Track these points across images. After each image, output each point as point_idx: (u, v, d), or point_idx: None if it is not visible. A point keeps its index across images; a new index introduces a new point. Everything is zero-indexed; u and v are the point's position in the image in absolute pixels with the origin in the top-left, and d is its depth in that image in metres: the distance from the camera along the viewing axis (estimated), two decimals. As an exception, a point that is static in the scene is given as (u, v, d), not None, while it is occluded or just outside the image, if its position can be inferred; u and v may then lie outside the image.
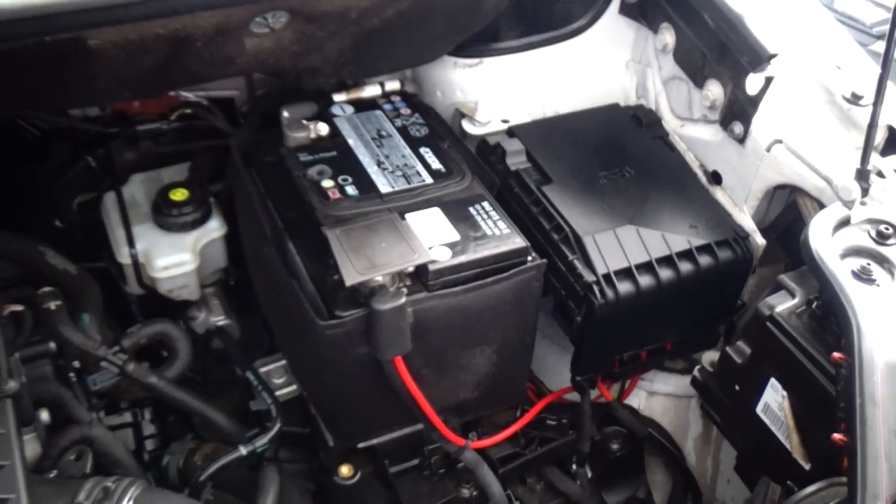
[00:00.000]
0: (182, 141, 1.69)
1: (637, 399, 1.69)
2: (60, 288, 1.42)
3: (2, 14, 0.99)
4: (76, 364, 1.37)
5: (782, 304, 1.29)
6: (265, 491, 1.25)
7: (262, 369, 1.59)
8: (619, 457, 1.59)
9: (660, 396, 1.70)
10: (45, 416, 1.19)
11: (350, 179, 1.40)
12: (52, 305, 1.31)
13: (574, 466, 1.58)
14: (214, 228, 1.58)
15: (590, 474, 1.60)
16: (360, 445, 1.45)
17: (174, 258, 1.53)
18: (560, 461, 1.59)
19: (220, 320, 1.64)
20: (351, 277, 1.21)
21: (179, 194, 1.55)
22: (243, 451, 1.34)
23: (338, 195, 1.37)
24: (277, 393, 1.57)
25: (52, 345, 1.28)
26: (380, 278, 1.24)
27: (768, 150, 1.43)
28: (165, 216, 1.54)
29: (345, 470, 1.37)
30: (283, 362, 1.59)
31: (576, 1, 1.66)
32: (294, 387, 1.57)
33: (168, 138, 1.70)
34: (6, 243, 1.44)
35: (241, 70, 1.34)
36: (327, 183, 1.39)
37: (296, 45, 1.34)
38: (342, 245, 1.26)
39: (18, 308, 1.26)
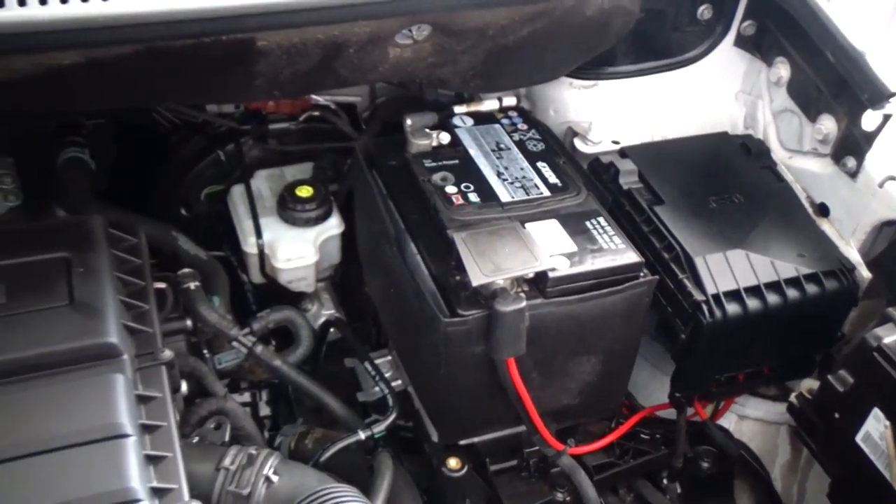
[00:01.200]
0: (305, 141, 1.79)
1: (727, 422, 1.72)
2: (192, 271, 1.52)
3: (192, 14, 1.09)
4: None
5: (890, 336, 1.32)
6: (381, 475, 1.32)
7: (367, 365, 1.67)
8: (708, 475, 1.62)
9: (750, 421, 1.73)
10: (184, 387, 1.28)
11: (472, 187, 1.47)
12: (192, 286, 1.41)
13: (665, 481, 1.62)
14: (334, 226, 1.67)
15: (679, 490, 1.64)
16: (462, 442, 1.51)
17: (296, 251, 1.62)
18: (651, 475, 1.63)
19: (330, 314, 1.72)
20: (477, 279, 1.28)
21: (305, 191, 1.65)
22: (362, 435, 1.41)
23: (461, 201, 1.44)
24: (377, 389, 1.64)
25: (189, 322, 1.37)
26: (501, 282, 1.30)
27: (881, 185, 1.46)
28: (290, 210, 1.63)
29: (453, 462, 1.43)
30: (388, 358, 1.67)
31: (694, 31, 1.71)
32: (398, 382, 1.63)
33: (292, 138, 1.79)
34: (147, 227, 1.54)
35: (380, 77, 1.43)
36: (451, 189, 1.46)
37: (433, 57, 1.42)
38: (468, 248, 1.33)
39: (162, 286, 1.35)
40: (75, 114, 1.69)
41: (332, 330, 1.70)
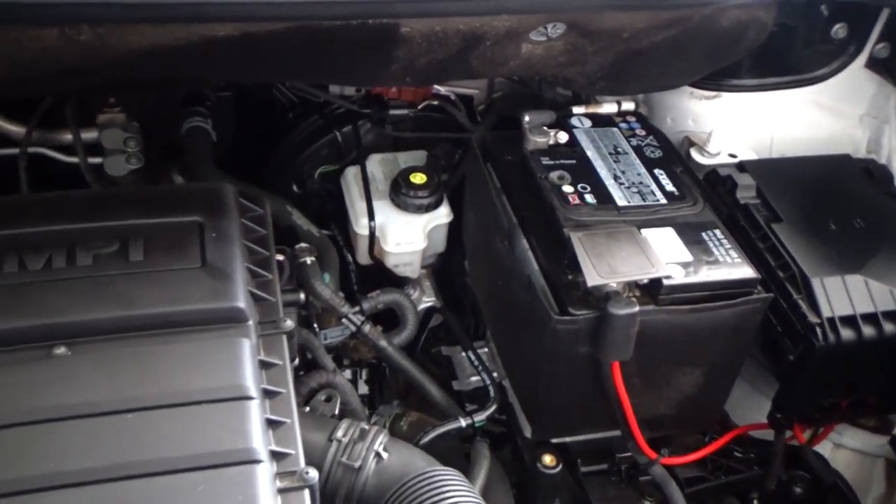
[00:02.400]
0: (419, 129, 1.81)
1: (823, 449, 1.69)
2: (303, 247, 1.55)
3: (346, -5, 1.12)
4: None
5: None
6: (479, 464, 1.34)
7: (463, 354, 1.69)
8: (800, 501, 1.60)
9: (846, 450, 1.69)
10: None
11: (588, 188, 1.47)
12: (308, 260, 1.45)
13: (755, 502, 1.60)
14: (443, 214, 1.69)
15: (768, 512, 1.61)
16: (554, 441, 1.52)
17: (406, 236, 1.64)
18: (741, 494, 1.61)
19: (430, 301, 1.75)
20: (593, 279, 1.28)
21: (419, 178, 1.67)
22: (462, 423, 1.43)
23: (577, 201, 1.44)
24: (473, 379, 1.66)
25: (302, 296, 1.40)
26: (614, 284, 1.31)
27: None
28: (403, 196, 1.65)
29: (548, 459, 1.44)
30: (486, 350, 1.68)
31: (824, 49, 1.68)
32: (493, 374, 1.65)
33: (407, 125, 1.82)
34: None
35: (509, 71, 1.44)
36: (568, 188, 1.47)
37: (563, 56, 1.42)
38: (584, 248, 1.33)
39: (280, 257, 1.39)
40: (207, 84, 1.75)
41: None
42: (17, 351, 1.08)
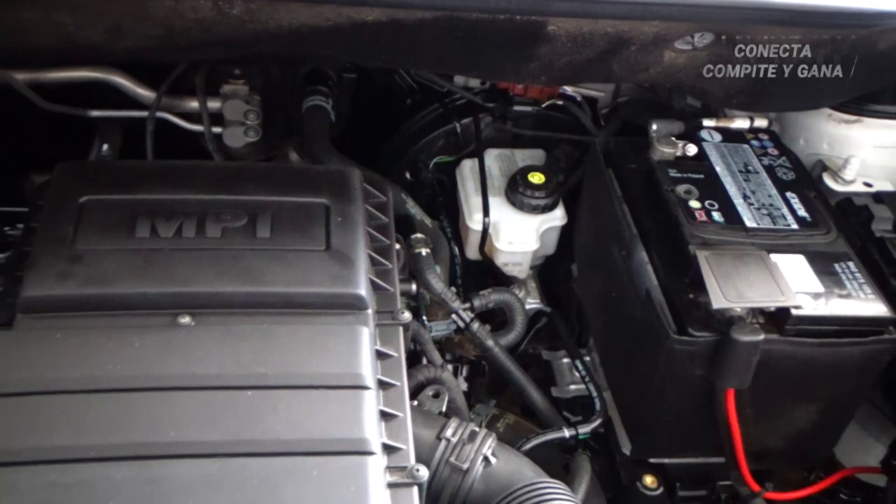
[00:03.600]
0: (540, 128, 1.78)
1: (935, 501, 1.61)
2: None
3: (498, -11, 1.09)
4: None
5: None
6: (580, 477, 1.31)
7: (564, 360, 1.66)
8: (905, 553, 1.52)
9: (959, 505, 1.60)
10: (404, 349, 1.30)
11: (716, 205, 1.42)
12: (423, 252, 1.43)
13: (857, 547, 1.53)
14: (558, 217, 1.66)
15: (870, 561, 1.54)
16: (652, 461, 1.48)
17: (520, 235, 1.62)
18: (842, 537, 1.55)
19: (535, 303, 1.72)
20: (718, 302, 1.23)
21: (537, 178, 1.64)
22: (566, 433, 1.40)
23: (704, 218, 1.39)
24: (573, 387, 1.63)
25: (414, 287, 1.39)
26: (738, 309, 1.26)
27: None
28: (520, 194, 1.63)
29: (649, 480, 1.41)
30: (587, 359, 1.64)
31: (984, 80, 1.58)
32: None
33: (527, 122, 1.79)
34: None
35: (648, 78, 1.39)
36: (695, 203, 1.42)
37: (705, 67, 1.37)
38: (711, 268, 1.28)
39: (398, 245, 1.38)
40: (332, 64, 1.75)
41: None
42: (143, 316, 1.10)
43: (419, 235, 1.47)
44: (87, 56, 1.54)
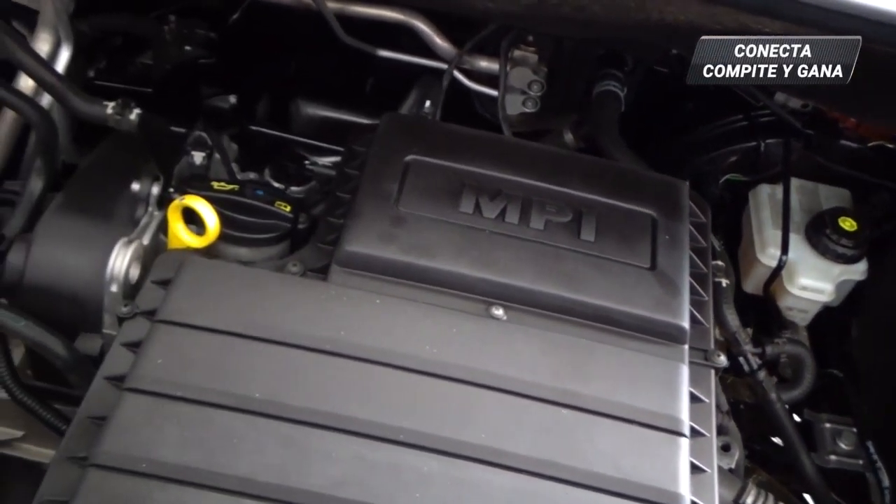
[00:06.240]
0: (854, 167, 1.60)
1: None
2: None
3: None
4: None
5: None
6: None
7: (828, 425, 1.51)
8: None
9: None
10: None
11: None
12: (724, 282, 1.31)
13: None
14: (859, 271, 1.49)
15: None
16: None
17: (816, 282, 1.46)
18: None
19: (805, 354, 1.57)
20: None
21: (849, 224, 1.47)
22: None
23: None
24: (833, 457, 1.48)
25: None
26: None
27: None
28: (826, 238, 1.46)
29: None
30: (853, 429, 1.49)
31: None
32: (858, 461, 1.46)
33: (836, 157, 1.62)
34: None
35: None
36: None
37: None
38: None
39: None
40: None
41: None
42: (456, 297, 1.04)
43: (719, 263, 1.35)
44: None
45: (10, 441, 1.29)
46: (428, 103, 1.50)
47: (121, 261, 1.08)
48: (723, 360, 1.08)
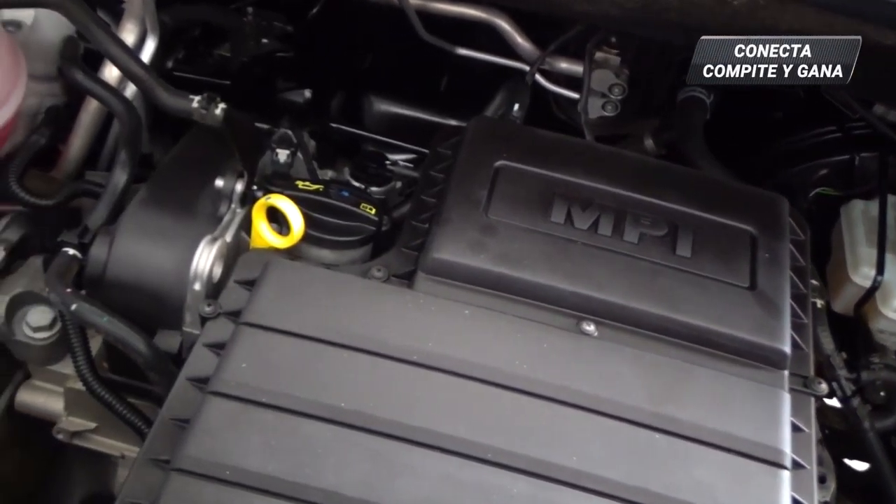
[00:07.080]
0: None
1: None
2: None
3: None
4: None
5: None
6: None
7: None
8: None
9: None
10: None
11: None
12: (818, 303, 1.25)
13: None
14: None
15: None
16: None
17: (913, 308, 1.40)
18: None
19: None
20: None
21: (952, 249, 1.41)
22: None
23: None
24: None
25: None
26: None
27: None
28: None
29: None
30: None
31: None
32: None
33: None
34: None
35: None
36: None
37: None
38: None
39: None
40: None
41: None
42: (545, 310, 1.00)
43: (814, 283, 1.28)
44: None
45: (84, 432, 1.29)
46: (517, 107, 1.46)
47: (205, 259, 1.07)
48: (824, 387, 1.02)
